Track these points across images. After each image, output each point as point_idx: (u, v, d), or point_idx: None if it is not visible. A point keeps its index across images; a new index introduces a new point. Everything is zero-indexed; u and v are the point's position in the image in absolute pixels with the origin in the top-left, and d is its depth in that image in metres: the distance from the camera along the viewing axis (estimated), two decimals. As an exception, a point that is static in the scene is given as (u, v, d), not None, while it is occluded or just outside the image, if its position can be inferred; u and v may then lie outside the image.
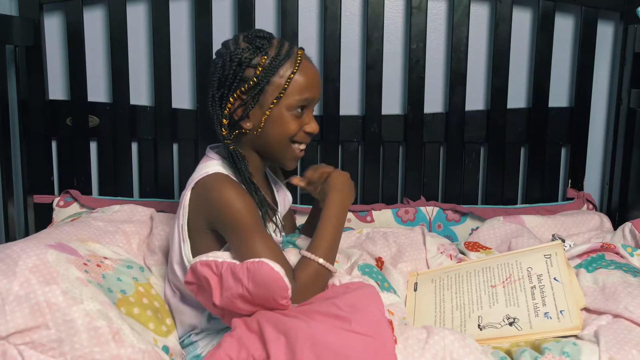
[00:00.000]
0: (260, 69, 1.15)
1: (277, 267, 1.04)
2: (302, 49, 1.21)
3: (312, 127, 1.21)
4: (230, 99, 1.16)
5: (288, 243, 1.30)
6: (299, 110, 1.18)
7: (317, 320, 0.99)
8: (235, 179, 1.17)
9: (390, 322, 1.05)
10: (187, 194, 1.17)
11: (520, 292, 1.22)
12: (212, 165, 1.19)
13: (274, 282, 1.03)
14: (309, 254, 1.15)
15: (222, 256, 1.11)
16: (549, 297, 1.19)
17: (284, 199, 1.39)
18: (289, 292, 1.04)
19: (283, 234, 1.32)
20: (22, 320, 0.98)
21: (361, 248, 1.50)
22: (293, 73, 1.16)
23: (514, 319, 1.17)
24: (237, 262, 1.07)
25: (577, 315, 1.14)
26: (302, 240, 1.29)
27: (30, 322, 0.98)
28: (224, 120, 1.18)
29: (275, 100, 1.16)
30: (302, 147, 1.23)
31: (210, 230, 1.16)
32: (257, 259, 1.05)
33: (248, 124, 1.18)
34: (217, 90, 1.17)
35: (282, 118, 1.17)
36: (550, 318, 1.14)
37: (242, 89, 1.16)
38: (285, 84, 1.15)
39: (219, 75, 1.16)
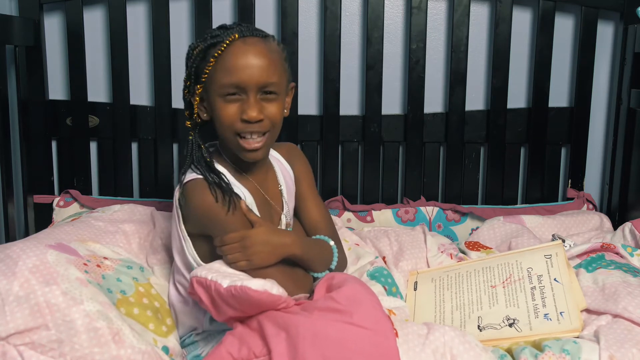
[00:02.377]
0: (192, 58, 1.15)
1: (260, 285, 1.02)
2: (244, 33, 1.13)
3: (247, 114, 1.11)
4: (184, 91, 1.19)
5: None
6: (231, 95, 1.12)
7: (317, 315, 0.99)
8: (211, 179, 1.14)
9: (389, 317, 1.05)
10: (176, 195, 1.18)
11: (520, 293, 1.22)
12: (191, 171, 1.18)
13: (263, 301, 1.02)
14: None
15: (219, 269, 1.09)
16: (549, 298, 1.19)
17: (292, 191, 1.34)
18: (282, 300, 1.04)
19: (289, 221, 1.29)
20: (22, 321, 0.98)
21: (367, 243, 1.51)
22: (214, 57, 1.11)
23: (513, 320, 1.17)
24: (223, 285, 1.03)
25: (577, 317, 1.14)
26: None
27: (30, 322, 0.98)
28: (186, 112, 1.19)
29: (199, 87, 1.15)
30: (248, 138, 1.14)
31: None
32: (239, 284, 1.02)
33: (204, 115, 1.18)
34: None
35: (217, 105, 1.13)
36: (550, 320, 1.14)
37: (186, 80, 1.17)
38: (206, 69, 1.13)
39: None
